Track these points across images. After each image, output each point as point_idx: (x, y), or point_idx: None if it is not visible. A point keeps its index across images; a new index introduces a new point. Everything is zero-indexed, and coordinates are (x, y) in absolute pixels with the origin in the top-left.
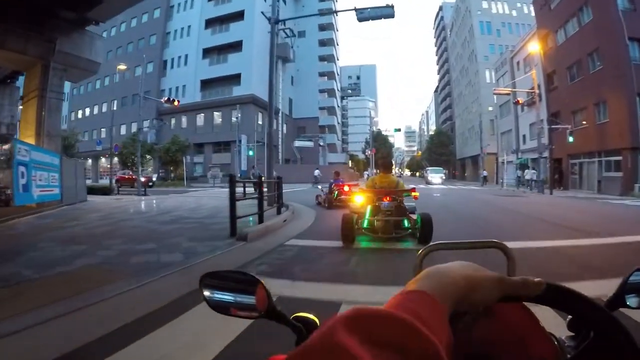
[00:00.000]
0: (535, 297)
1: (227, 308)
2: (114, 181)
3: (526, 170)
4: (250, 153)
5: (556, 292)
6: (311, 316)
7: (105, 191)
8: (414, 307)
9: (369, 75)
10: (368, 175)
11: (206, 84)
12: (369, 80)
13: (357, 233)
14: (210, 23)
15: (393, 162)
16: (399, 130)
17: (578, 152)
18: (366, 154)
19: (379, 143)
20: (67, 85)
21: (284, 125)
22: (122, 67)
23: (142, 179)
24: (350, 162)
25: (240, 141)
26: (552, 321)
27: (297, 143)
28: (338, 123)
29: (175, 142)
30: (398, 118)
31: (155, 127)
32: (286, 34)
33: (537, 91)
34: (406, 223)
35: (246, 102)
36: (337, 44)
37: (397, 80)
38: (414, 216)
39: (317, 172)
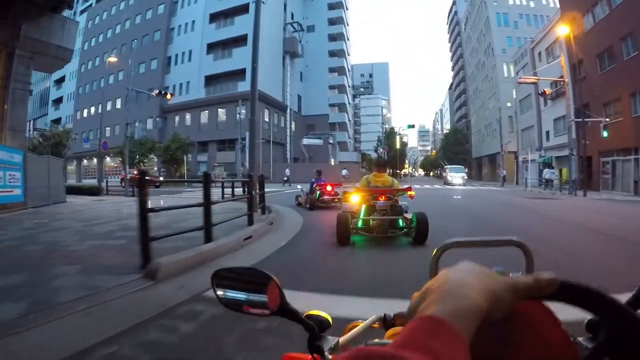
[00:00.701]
0: (550, 295)
1: (239, 305)
2: (119, 180)
3: (545, 170)
4: None
5: (571, 289)
6: (324, 314)
7: (93, 191)
8: (430, 340)
9: (382, 73)
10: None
11: (210, 80)
12: (382, 78)
13: (351, 232)
14: (214, 17)
15: (407, 161)
16: (412, 126)
17: (611, 149)
18: (378, 152)
19: (392, 141)
20: (73, 85)
21: (293, 123)
22: (113, 59)
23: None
24: (362, 161)
25: (244, 139)
26: (570, 321)
27: (305, 141)
28: (349, 120)
29: (175, 140)
30: (411, 117)
31: (159, 125)
32: (294, 28)
33: (566, 80)
34: (401, 222)
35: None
36: (348, 39)
37: (410, 79)
38: (409, 215)
39: (287, 170)
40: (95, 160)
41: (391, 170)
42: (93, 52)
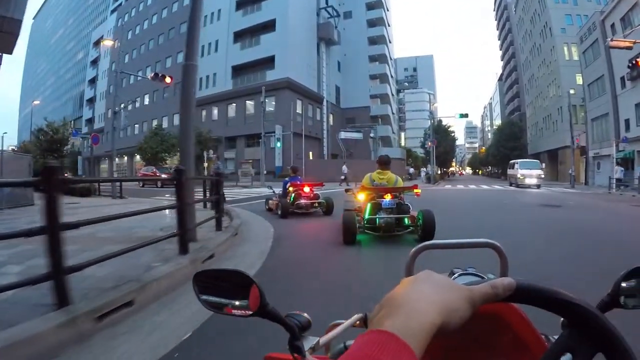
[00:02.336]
0: (509, 298)
1: (220, 306)
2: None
3: (615, 167)
4: (278, 145)
5: (527, 292)
6: (304, 315)
7: (83, 192)
8: (379, 354)
9: (426, 67)
10: (426, 173)
11: (238, 70)
12: (426, 71)
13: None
14: (241, 4)
15: (454, 159)
16: (465, 115)
17: None
18: (426, 146)
19: (440, 135)
20: (105, 83)
21: (330, 116)
22: (108, 42)
23: (164, 176)
24: (408, 157)
25: (273, 132)
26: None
27: (343, 135)
28: (393, 113)
29: (196, 134)
30: (458, 112)
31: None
32: (329, 13)
33: None
34: (407, 221)
35: (281, 87)
36: (389, 25)
37: (456, 72)
38: (414, 213)
39: (344, 168)
40: (125, 158)
41: (439, 168)
42: (123, 50)
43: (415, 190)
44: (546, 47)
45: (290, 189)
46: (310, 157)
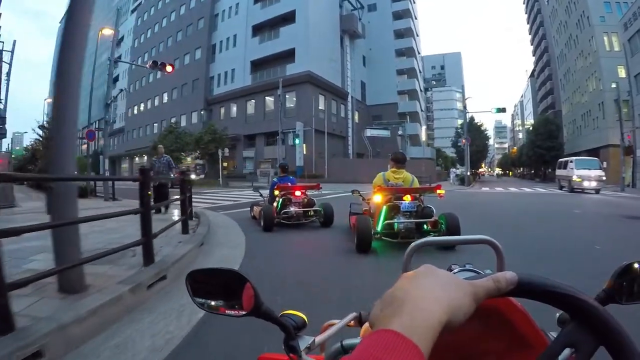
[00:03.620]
0: (511, 292)
1: (214, 306)
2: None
3: None
4: (297, 142)
5: (529, 286)
6: (299, 314)
7: (81, 193)
8: (386, 356)
9: (454, 64)
10: (455, 173)
11: (257, 65)
12: (454, 69)
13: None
14: None
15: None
16: (502, 110)
17: None
18: (460, 144)
19: (473, 133)
20: (125, 82)
21: (356, 113)
22: (108, 31)
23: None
24: (437, 157)
25: (294, 130)
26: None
27: (369, 132)
28: (422, 110)
29: (209, 131)
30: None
31: (204, 118)
32: (352, 5)
33: None
34: (425, 226)
35: (302, 81)
36: (415, 17)
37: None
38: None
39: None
40: (145, 157)
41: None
42: (142, 48)
43: (438, 191)
44: (584, 38)
45: (277, 192)
46: (332, 157)
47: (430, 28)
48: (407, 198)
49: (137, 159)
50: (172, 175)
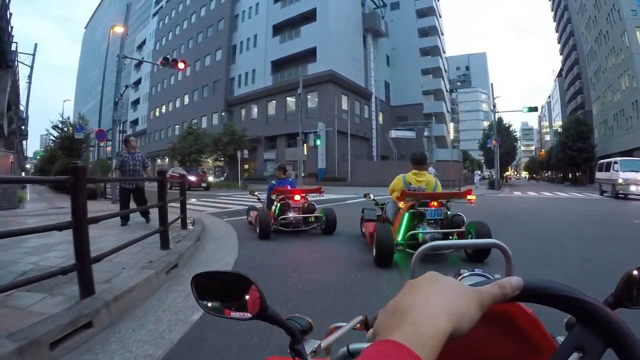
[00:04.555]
0: (517, 297)
1: (220, 309)
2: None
3: None
4: (318, 142)
5: (535, 291)
6: (306, 318)
7: (90, 194)
8: None
9: (479, 65)
10: (479, 175)
11: (278, 65)
12: (480, 70)
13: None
14: None
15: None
16: (534, 109)
17: None
18: (490, 145)
19: (501, 134)
20: (147, 85)
21: (380, 114)
22: (119, 29)
23: (193, 178)
24: (464, 160)
25: (316, 132)
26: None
27: (394, 134)
28: (448, 111)
29: (228, 132)
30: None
31: (224, 119)
32: (375, 3)
33: None
34: (450, 236)
35: (324, 80)
36: (440, 16)
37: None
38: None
39: (431, 170)
40: (167, 159)
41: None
42: (163, 51)
43: (468, 197)
44: (615, 34)
45: (275, 197)
46: (355, 159)
47: (453, 28)
48: (434, 204)
49: (159, 160)
50: (145, 175)
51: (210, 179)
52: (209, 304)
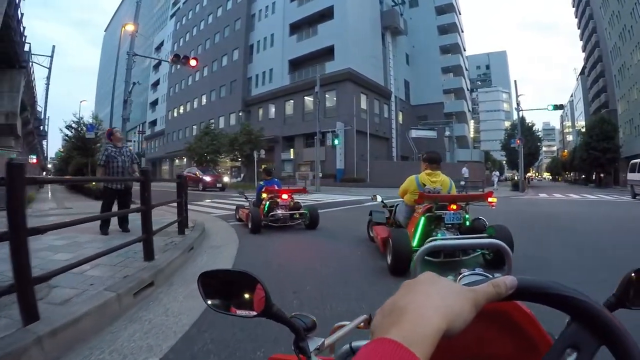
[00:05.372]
0: (512, 296)
1: (226, 307)
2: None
3: None
4: (336, 142)
5: (529, 289)
6: (310, 316)
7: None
8: None
9: (500, 64)
10: (497, 176)
11: (295, 64)
12: (500, 69)
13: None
14: None
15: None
16: (560, 107)
17: None
18: (514, 145)
19: (524, 134)
20: (165, 86)
21: (399, 113)
22: (130, 27)
23: (208, 179)
24: (486, 161)
25: (334, 130)
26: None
27: (414, 133)
28: (469, 110)
29: (245, 132)
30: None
31: (242, 119)
32: (394, 0)
33: None
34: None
35: (342, 79)
36: (459, 13)
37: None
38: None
39: (464, 170)
40: (185, 160)
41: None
42: (181, 52)
43: (489, 199)
44: None
45: (264, 196)
46: (374, 159)
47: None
48: (453, 207)
49: (177, 161)
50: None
51: (226, 179)
52: (216, 302)
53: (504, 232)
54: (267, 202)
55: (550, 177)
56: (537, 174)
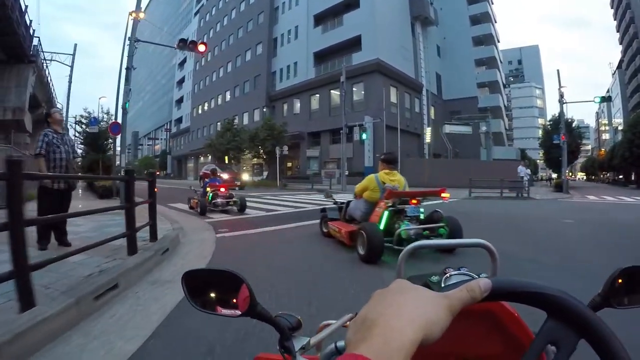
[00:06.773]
0: (489, 297)
1: (210, 306)
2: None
3: None
4: (364, 137)
5: (504, 290)
6: (295, 315)
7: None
8: None
9: (532, 58)
10: (525, 172)
11: (320, 57)
12: (533, 64)
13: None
14: None
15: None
16: (608, 99)
17: None
18: (558, 142)
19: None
20: (190, 83)
21: (431, 108)
22: (141, 14)
23: (226, 176)
24: (523, 158)
25: (362, 124)
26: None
27: (448, 129)
28: (504, 105)
29: (266, 127)
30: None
31: (266, 115)
32: None
33: None
34: (443, 230)
35: (370, 70)
36: (492, 2)
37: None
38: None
39: (521, 169)
40: (210, 157)
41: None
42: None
43: (443, 195)
44: None
45: (209, 189)
46: (406, 157)
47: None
48: (414, 202)
49: (202, 158)
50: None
51: (245, 177)
52: (199, 301)
53: (454, 222)
54: (211, 194)
55: (585, 177)
56: (571, 174)
